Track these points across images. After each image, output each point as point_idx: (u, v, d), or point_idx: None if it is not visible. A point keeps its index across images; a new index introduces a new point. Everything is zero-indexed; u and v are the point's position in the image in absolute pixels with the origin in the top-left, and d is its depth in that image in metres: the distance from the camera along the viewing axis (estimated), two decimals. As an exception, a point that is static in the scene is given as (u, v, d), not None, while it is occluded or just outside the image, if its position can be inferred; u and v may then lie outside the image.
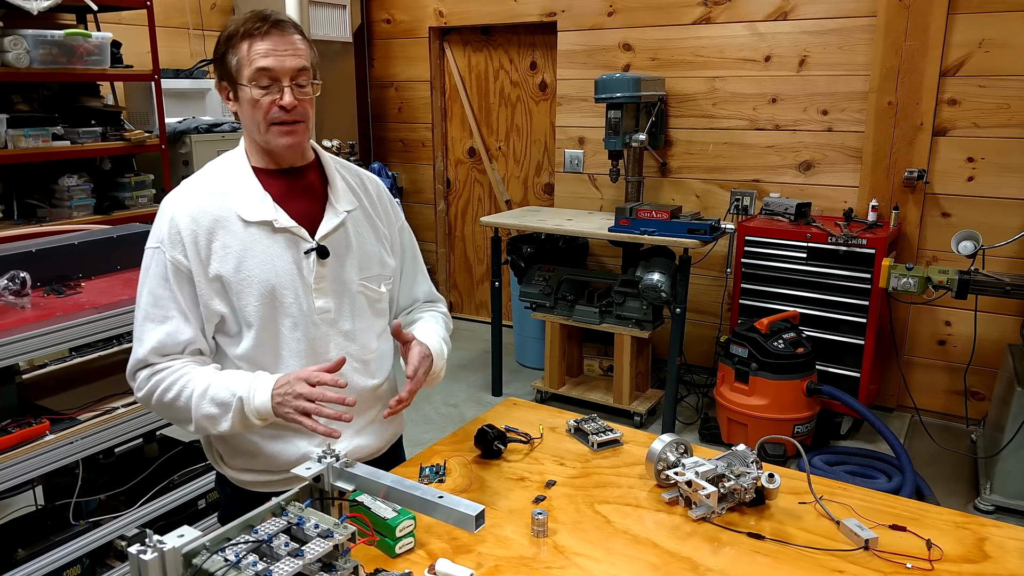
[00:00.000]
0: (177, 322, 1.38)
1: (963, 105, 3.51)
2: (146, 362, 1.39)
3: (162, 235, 1.39)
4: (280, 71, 1.35)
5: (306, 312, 1.43)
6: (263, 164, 1.46)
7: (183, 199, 1.41)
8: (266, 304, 1.40)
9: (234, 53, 1.37)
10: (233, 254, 1.39)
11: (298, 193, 1.47)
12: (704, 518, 1.33)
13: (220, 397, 1.34)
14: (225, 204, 1.41)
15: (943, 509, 1.38)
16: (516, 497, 1.42)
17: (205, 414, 1.36)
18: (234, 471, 1.52)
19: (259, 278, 1.39)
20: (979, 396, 3.72)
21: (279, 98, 1.36)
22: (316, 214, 1.47)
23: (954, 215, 3.62)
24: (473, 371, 4.49)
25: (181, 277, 1.38)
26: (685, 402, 4.05)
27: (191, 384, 1.36)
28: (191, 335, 1.39)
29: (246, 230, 1.40)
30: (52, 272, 2.29)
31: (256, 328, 1.41)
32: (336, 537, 0.95)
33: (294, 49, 1.37)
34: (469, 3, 4.76)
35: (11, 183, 3.28)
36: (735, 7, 3.95)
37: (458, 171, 5.26)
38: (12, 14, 3.02)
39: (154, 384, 1.38)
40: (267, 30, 1.35)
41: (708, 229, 3.42)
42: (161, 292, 1.38)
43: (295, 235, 1.42)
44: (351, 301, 1.49)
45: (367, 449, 1.56)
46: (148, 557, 0.82)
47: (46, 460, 2.02)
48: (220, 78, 1.42)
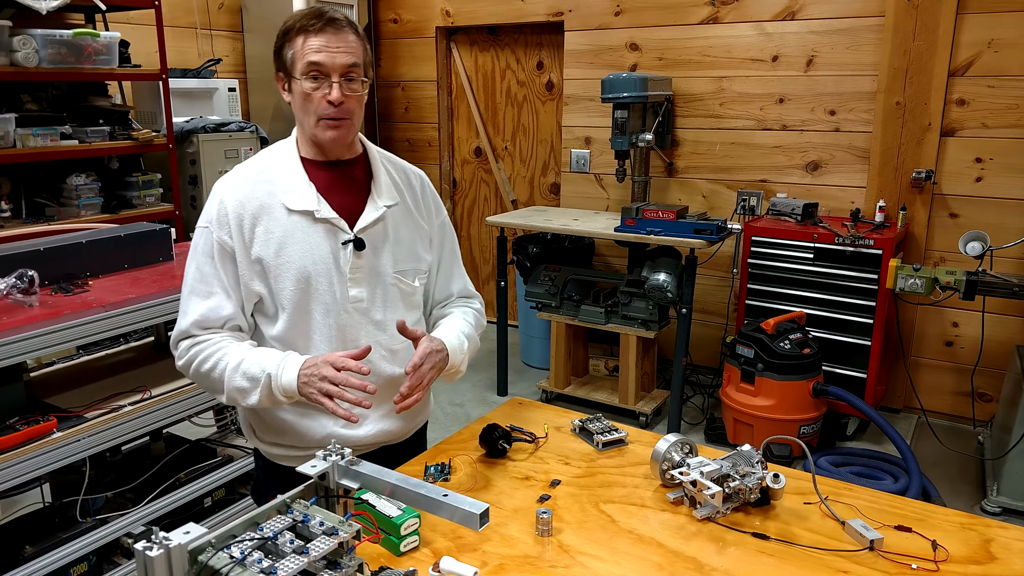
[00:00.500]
0: (219, 298, 1.46)
1: (972, 105, 3.50)
2: (188, 333, 1.48)
3: (212, 216, 1.48)
4: (330, 67, 1.41)
5: (339, 300, 1.50)
6: (311, 155, 1.52)
7: (233, 184, 1.49)
8: (301, 289, 1.47)
9: (290, 47, 1.44)
10: (275, 239, 1.46)
11: (342, 185, 1.53)
12: (709, 518, 1.33)
13: (251, 372, 1.41)
14: (271, 191, 1.48)
15: (949, 510, 1.38)
16: (521, 496, 1.42)
17: (236, 387, 1.43)
18: (265, 445, 1.60)
19: (297, 264, 1.46)
20: (986, 397, 3.70)
21: (328, 93, 1.42)
22: (358, 207, 1.53)
23: (962, 216, 3.60)
24: (479, 371, 4.49)
25: (225, 256, 1.46)
26: (691, 402, 4.04)
27: (226, 357, 1.44)
28: (231, 311, 1.47)
29: (289, 217, 1.47)
30: (60, 271, 2.30)
31: (290, 311, 1.48)
32: (341, 535, 0.95)
33: (346, 46, 1.42)
34: (476, 3, 4.76)
35: (20, 182, 3.29)
36: (742, 7, 3.94)
37: (464, 171, 5.26)
38: (21, 14, 3.04)
39: (193, 354, 1.47)
40: (321, 27, 1.41)
41: (714, 229, 3.41)
42: (207, 269, 1.47)
43: (334, 226, 1.49)
44: (384, 292, 1.55)
45: (391, 434, 1.62)
46: (154, 553, 0.83)
47: (54, 458, 2.03)
48: (277, 69, 1.49)
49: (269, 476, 1.62)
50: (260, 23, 4.51)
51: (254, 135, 4.04)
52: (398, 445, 1.66)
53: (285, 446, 1.57)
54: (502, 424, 1.61)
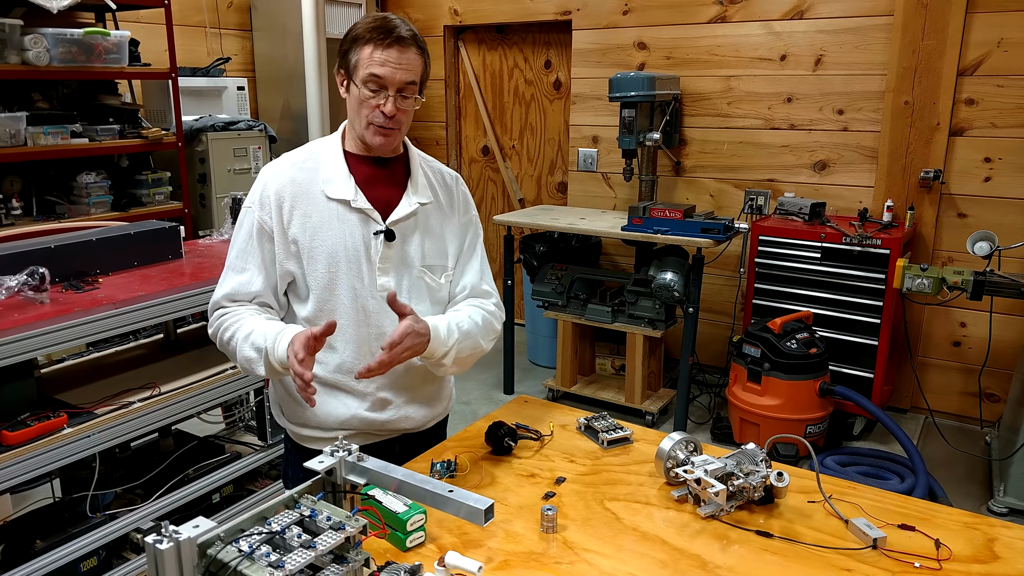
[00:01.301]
0: (252, 274, 1.55)
1: (981, 105, 3.49)
2: (218, 304, 1.58)
3: (255, 197, 1.56)
4: (389, 81, 1.48)
5: (367, 286, 1.56)
6: (356, 150, 1.61)
7: (278, 169, 1.58)
8: (332, 273, 1.54)
9: (356, 53, 1.50)
10: (312, 224, 1.54)
11: (381, 180, 1.61)
12: (713, 516, 1.34)
13: (257, 343, 1.48)
14: (313, 179, 1.56)
15: (953, 509, 1.38)
16: (526, 493, 1.43)
17: (245, 356, 1.50)
18: (292, 424, 1.67)
19: (329, 249, 1.54)
20: (994, 398, 3.69)
21: (383, 104, 1.49)
22: (393, 201, 1.60)
23: (970, 216, 3.59)
24: (485, 369, 4.50)
25: (264, 236, 1.54)
26: (697, 402, 4.04)
27: (242, 328, 1.51)
28: (259, 288, 1.55)
29: (327, 204, 1.55)
30: (70, 268, 2.32)
31: (319, 293, 1.55)
32: (348, 529, 0.96)
33: (408, 64, 1.49)
34: (484, 2, 4.77)
35: (31, 180, 3.32)
36: (751, 6, 3.93)
37: (472, 169, 5.27)
38: (32, 13, 3.07)
39: (219, 324, 1.56)
40: (390, 42, 1.47)
41: (722, 228, 3.41)
42: (246, 247, 1.56)
43: (368, 216, 1.56)
44: (412, 283, 1.61)
45: (413, 420, 1.66)
46: (164, 547, 0.84)
47: (64, 453, 2.05)
48: (340, 67, 1.56)
49: (297, 459, 1.67)
50: (268, 22, 4.53)
51: (263, 134, 4.06)
52: (419, 434, 1.70)
53: (312, 427, 1.63)
54: (508, 422, 1.62)
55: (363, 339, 1.58)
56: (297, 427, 1.66)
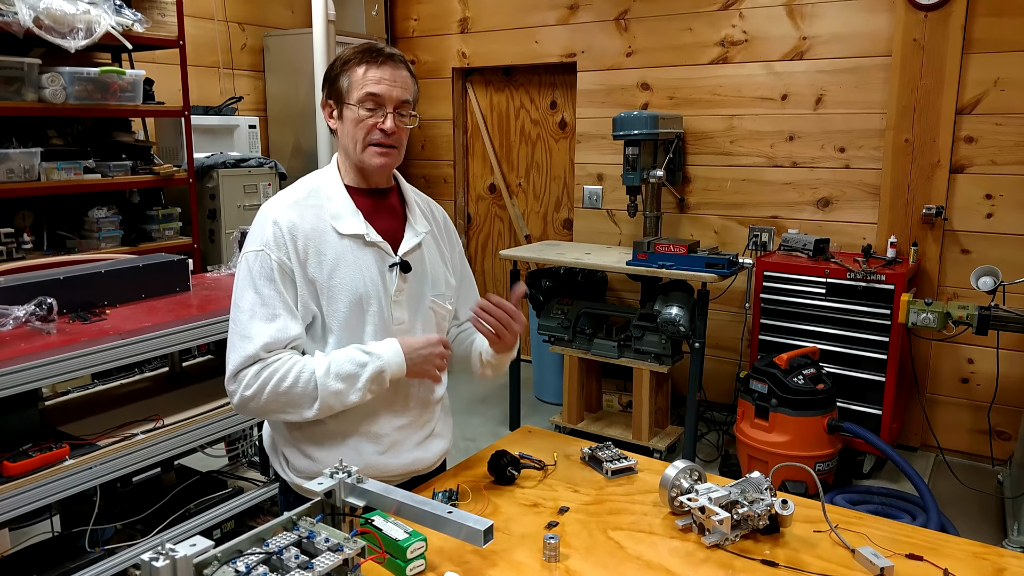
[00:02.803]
0: (286, 319, 1.45)
1: (980, 142, 3.52)
2: (256, 358, 1.43)
3: (267, 238, 1.47)
4: (387, 98, 1.49)
5: (387, 321, 1.54)
6: (354, 183, 1.58)
7: (282, 206, 1.51)
8: (353, 311, 1.51)
9: (347, 76, 1.50)
10: (328, 262, 1.49)
11: (383, 212, 1.60)
12: (718, 545, 1.32)
13: (345, 370, 1.44)
14: (320, 215, 1.52)
15: (962, 540, 1.36)
16: (529, 522, 1.42)
17: (333, 391, 1.43)
18: (298, 477, 1.58)
19: (350, 286, 1.50)
20: (1004, 435, 3.64)
21: (382, 122, 1.49)
22: (397, 232, 1.59)
23: (974, 252, 3.59)
24: (491, 405, 4.48)
25: (286, 277, 1.47)
26: (705, 439, 4.00)
27: (309, 367, 1.43)
28: (298, 332, 1.47)
29: (340, 241, 1.51)
30: (78, 299, 2.34)
31: (340, 332, 1.50)
32: (346, 551, 0.96)
33: (403, 82, 1.51)
34: (492, 44, 4.87)
35: (43, 214, 3.37)
36: (751, 47, 4.00)
37: (479, 207, 5.32)
38: (51, 53, 3.15)
39: (267, 376, 1.42)
40: (383, 61, 1.49)
41: (726, 263, 3.42)
42: (268, 292, 1.45)
43: (382, 249, 1.55)
44: (423, 315, 1.61)
45: (424, 462, 1.64)
46: (160, 564, 0.84)
47: (65, 485, 2.04)
48: (328, 96, 1.55)
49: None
50: (281, 63, 4.63)
51: (273, 171, 4.12)
52: (426, 476, 1.67)
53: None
54: (511, 452, 1.61)
55: None
56: (302, 479, 1.56)
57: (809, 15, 3.84)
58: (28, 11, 2.87)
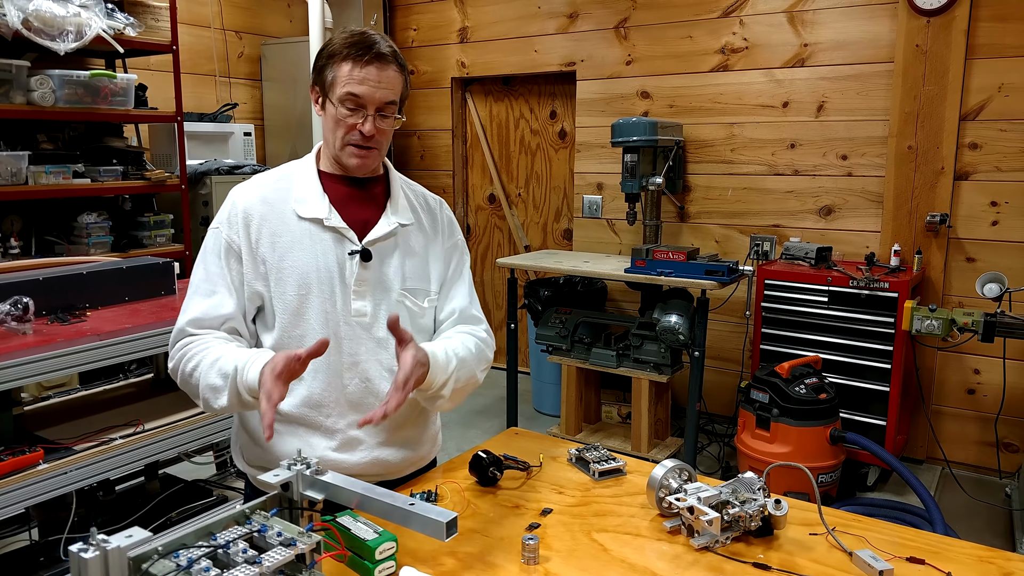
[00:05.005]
0: (221, 296, 1.44)
1: (984, 149, 3.45)
2: (184, 332, 1.44)
3: (223, 217, 1.47)
4: (368, 100, 1.42)
5: (340, 311, 1.46)
6: (330, 170, 1.53)
7: (248, 188, 1.50)
8: (301, 295, 1.45)
9: (332, 70, 1.43)
10: (282, 243, 1.45)
11: (359, 200, 1.52)
12: (707, 547, 1.24)
13: (225, 369, 1.35)
14: (285, 198, 1.48)
15: (966, 543, 1.28)
16: (509, 524, 1.34)
17: (209, 384, 1.37)
18: (252, 468, 1.53)
19: (300, 270, 1.45)
20: (1012, 447, 3.55)
21: (361, 124, 1.43)
22: (372, 221, 1.51)
23: (980, 260, 3.52)
24: (489, 417, 4.40)
25: (232, 256, 1.45)
26: (707, 452, 3.91)
27: (209, 355, 1.38)
28: (231, 310, 1.44)
29: (298, 224, 1.46)
30: (59, 301, 2.29)
31: (288, 318, 1.45)
32: (299, 546, 0.89)
33: (388, 83, 1.43)
34: (491, 54, 4.85)
35: (31, 219, 3.33)
36: (752, 54, 3.96)
37: (478, 217, 5.27)
38: (44, 57, 3.12)
39: (182, 355, 1.42)
40: (369, 59, 1.41)
41: (726, 271, 3.35)
42: (213, 268, 1.45)
43: (342, 235, 1.47)
44: (390, 308, 1.50)
45: (388, 465, 1.53)
46: (89, 556, 0.77)
47: (39, 489, 1.98)
48: (314, 83, 1.49)
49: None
50: (278, 72, 4.61)
51: (267, 178, 4.07)
52: (397, 482, 1.54)
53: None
54: (496, 453, 1.54)
55: (334, 369, 1.46)
56: (256, 470, 1.51)
57: (810, 22, 3.80)
58: (17, 13, 2.84)
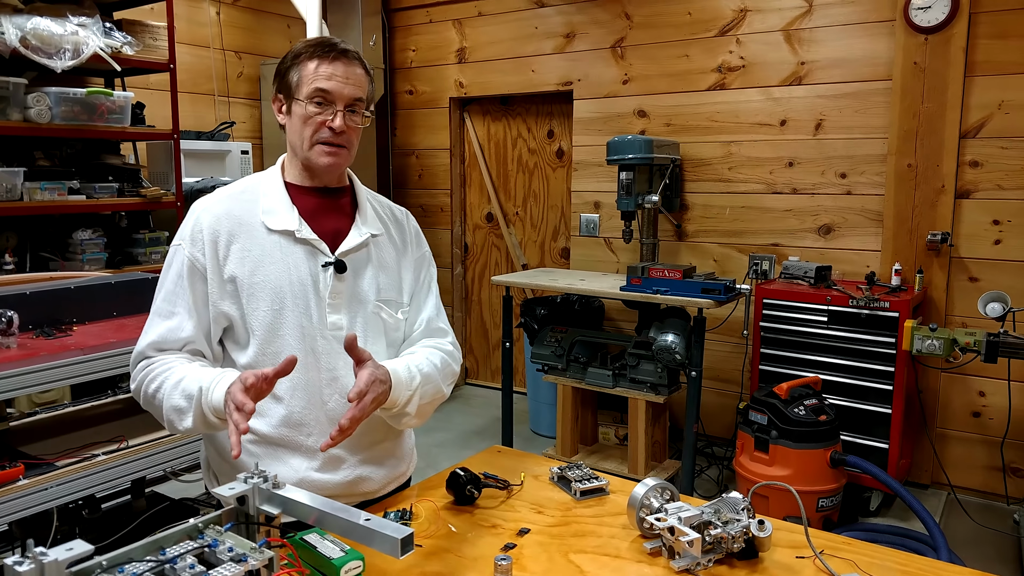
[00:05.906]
0: (181, 318, 1.39)
1: (986, 167, 3.42)
2: (143, 355, 1.40)
3: (185, 234, 1.42)
4: (337, 95, 1.41)
5: (316, 325, 1.42)
6: (298, 181, 1.49)
7: (212, 202, 1.45)
8: (275, 311, 1.40)
9: (298, 70, 1.42)
10: (251, 258, 1.40)
11: (327, 211, 1.49)
12: (688, 570, 1.20)
13: (189, 390, 1.31)
14: (252, 210, 1.44)
15: (962, 568, 1.23)
16: (484, 544, 1.30)
17: (173, 405, 1.33)
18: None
19: (273, 284, 1.40)
20: (1020, 472, 3.47)
21: (331, 120, 1.41)
22: (342, 232, 1.48)
23: (982, 279, 3.47)
24: (485, 438, 4.34)
25: (195, 275, 1.39)
26: (705, 475, 3.85)
27: (172, 375, 1.34)
28: (191, 333, 1.39)
29: (268, 237, 1.42)
30: (45, 315, 2.28)
31: (262, 335, 1.40)
32: (251, 562, 0.85)
33: (355, 79, 1.43)
34: (489, 74, 4.86)
35: (27, 236, 3.33)
36: (749, 73, 3.95)
37: (476, 236, 5.25)
38: (43, 76, 3.14)
39: (143, 376, 1.38)
40: (335, 56, 1.41)
41: (723, 289, 3.31)
42: (174, 288, 1.40)
43: (315, 247, 1.44)
44: (365, 321, 1.48)
45: (372, 483, 1.50)
46: (24, 569, 0.73)
47: (20, 505, 1.95)
48: (277, 91, 1.47)
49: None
50: (277, 92, 4.63)
51: (264, 196, 4.07)
52: (377, 500, 1.51)
53: None
54: (476, 471, 1.50)
55: (313, 385, 1.42)
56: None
57: (807, 40, 3.79)
58: (15, 31, 2.86)
